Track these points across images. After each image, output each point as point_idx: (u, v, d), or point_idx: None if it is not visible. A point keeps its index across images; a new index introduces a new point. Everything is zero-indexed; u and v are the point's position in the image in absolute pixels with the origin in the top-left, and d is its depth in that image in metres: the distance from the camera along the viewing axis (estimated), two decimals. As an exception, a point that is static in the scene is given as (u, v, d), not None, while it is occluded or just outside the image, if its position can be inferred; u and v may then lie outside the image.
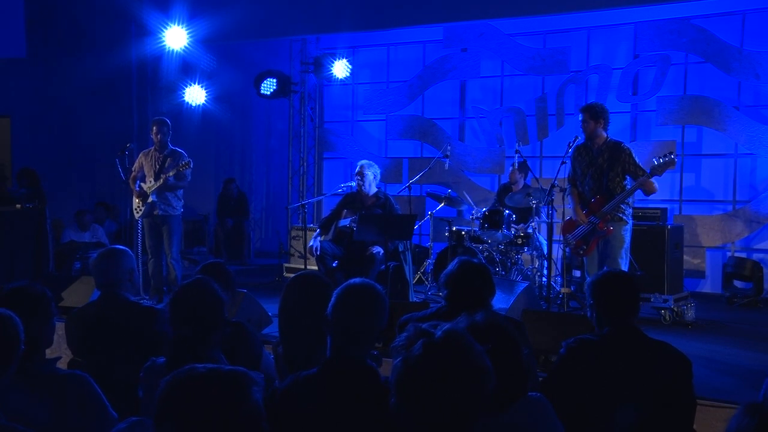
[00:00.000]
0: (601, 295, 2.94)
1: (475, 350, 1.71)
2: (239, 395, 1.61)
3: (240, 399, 1.61)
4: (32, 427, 2.14)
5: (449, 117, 9.69)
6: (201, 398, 1.59)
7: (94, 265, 3.70)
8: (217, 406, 1.58)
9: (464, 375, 1.65)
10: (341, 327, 2.43)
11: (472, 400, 1.66)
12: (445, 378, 1.64)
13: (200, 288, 2.89)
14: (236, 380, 1.64)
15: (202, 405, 1.58)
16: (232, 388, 1.62)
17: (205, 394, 1.59)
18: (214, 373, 1.64)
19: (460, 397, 1.64)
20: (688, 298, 6.42)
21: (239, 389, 1.62)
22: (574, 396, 2.72)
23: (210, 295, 2.87)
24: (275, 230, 11.40)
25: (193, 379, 1.63)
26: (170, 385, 1.63)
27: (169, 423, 1.60)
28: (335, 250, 6.52)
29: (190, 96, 9.56)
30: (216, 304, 2.87)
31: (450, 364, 1.65)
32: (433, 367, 1.64)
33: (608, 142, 5.71)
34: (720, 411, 3.88)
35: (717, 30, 7.90)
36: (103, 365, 3.24)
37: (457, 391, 1.64)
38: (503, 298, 5.58)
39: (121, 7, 9.29)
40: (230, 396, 1.60)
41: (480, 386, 1.67)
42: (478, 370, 1.68)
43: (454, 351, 1.67)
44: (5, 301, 2.66)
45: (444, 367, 1.65)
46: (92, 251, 8.58)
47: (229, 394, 1.61)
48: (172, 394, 1.61)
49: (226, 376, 1.64)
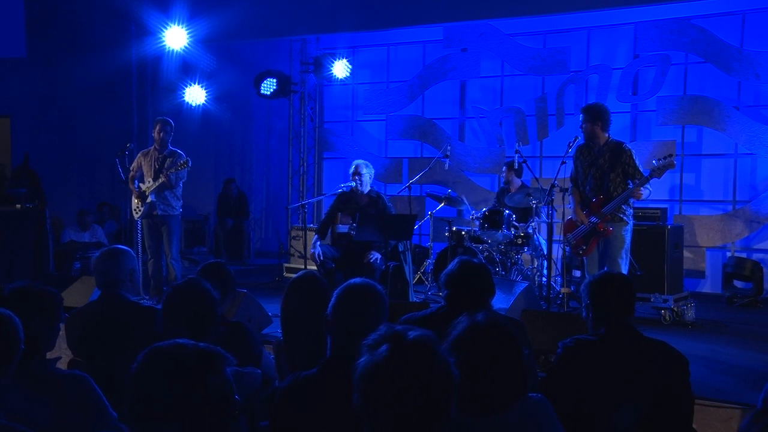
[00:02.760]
0: (598, 296, 2.95)
1: (442, 358, 1.68)
2: (205, 369, 1.68)
3: (207, 372, 1.68)
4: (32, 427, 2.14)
5: (449, 117, 9.69)
6: (166, 372, 1.67)
7: (96, 264, 3.69)
8: (184, 379, 1.66)
9: (427, 381, 1.63)
10: (341, 327, 2.43)
11: (434, 407, 1.64)
12: (408, 381, 1.61)
13: (193, 288, 2.90)
14: (201, 355, 1.71)
15: (169, 378, 1.66)
16: (199, 363, 1.69)
17: (172, 367, 1.67)
18: (180, 348, 1.72)
19: (422, 402, 1.62)
20: (688, 298, 6.42)
21: (205, 363, 1.69)
22: (571, 396, 2.72)
23: (203, 295, 2.88)
24: (275, 230, 11.41)
25: (159, 353, 1.71)
26: (139, 362, 1.70)
27: (141, 398, 1.66)
28: (333, 252, 6.52)
29: (190, 96, 9.57)
30: (209, 303, 2.88)
31: (414, 368, 1.63)
32: (397, 369, 1.62)
33: (610, 142, 5.70)
34: (720, 411, 3.88)
35: (717, 30, 7.90)
36: (103, 365, 3.23)
37: (419, 396, 1.62)
38: (503, 298, 5.58)
39: (121, 7, 9.29)
40: (197, 369, 1.68)
41: (442, 394, 1.65)
42: (443, 378, 1.66)
43: (420, 355, 1.65)
44: (13, 299, 2.66)
45: (408, 370, 1.62)
46: (92, 251, 8.59)
47: (195, 367, 1.68)
48: (140, 371, 1.69)
49: (192, 351, 1.72)
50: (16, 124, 11.12)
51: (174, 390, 1.65)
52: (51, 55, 10.94)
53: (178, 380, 1.66)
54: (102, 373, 2.87)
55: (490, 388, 2.07)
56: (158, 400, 1.65)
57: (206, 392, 1.67)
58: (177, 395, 1.65)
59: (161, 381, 1.66)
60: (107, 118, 10.41)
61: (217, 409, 1.68)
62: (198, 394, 1.66)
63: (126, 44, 9.93)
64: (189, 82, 9.55)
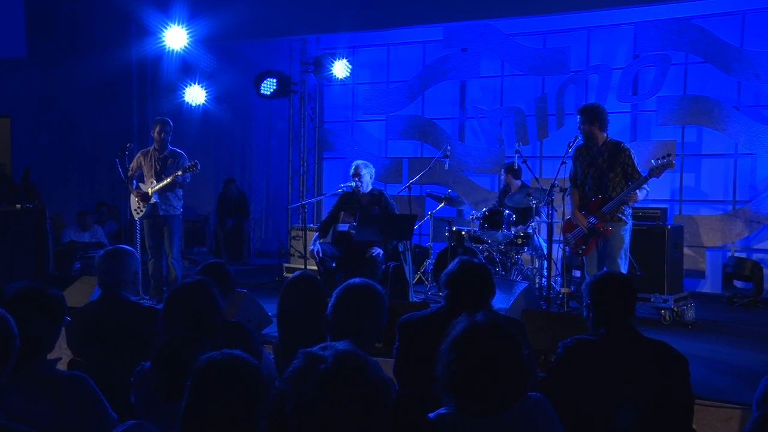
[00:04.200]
0: (599, 296, 2.95)
1: (370, 366, 1.69)
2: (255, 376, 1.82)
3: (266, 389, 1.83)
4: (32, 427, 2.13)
5: (449, 117, 9.69)
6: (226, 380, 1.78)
7: (99, 263, 3.68)
8: (239, 387, 1.78)
9: (366, 394, 1.64)
10: (341, 327, 2.44)
11: (377, 415, 1.65)
12: (347, 403, 1.62)
13: (199, 289, 2.89)
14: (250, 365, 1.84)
15: (227, 386, 1.77)
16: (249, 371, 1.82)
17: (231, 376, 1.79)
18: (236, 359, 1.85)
19: (366, 415, 1.64)
20: (688, 298, 6.42)
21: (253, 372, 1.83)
22: (571, 396, 2.72)
23: (208, 297, 2.86)
24: (275, 230, 11.40)
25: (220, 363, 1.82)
26: (200, 369, 1.81)
27: (199, 403, 1.76)
28: (334, 251, 6.53)
29: (190, 96, 9.57)
30: (213, 306, 2.86)
31: (349, 388, 1.63)
32: (333, 397, 1.62)
33: (608, 142, 5.71)
34: (720, 411, 3.88)
35: (717, 30, 7.90)
36: (103, 365, 3.23)
37: (362, 410, 1.63)
38: (503, 298, 5.58)
39: (121, 7, 9.30)
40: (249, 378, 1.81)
41: (383, 399, 1.66)
42: (378, 386, 1.66)
43: (350, 374, 1.66)
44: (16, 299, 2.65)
45: (344, 393, 1.63)
46: (92, 251, 8.59)
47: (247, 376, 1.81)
48: (202, 376, 1.80)
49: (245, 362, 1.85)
50: (16, 124, 11.13)
51: (242, 406, 1.77)
52: (51, 55, 10.95)
53: (248, 396, 1.78)
54: (102, 374, 2.86)
55: (490, 388, 2.07)
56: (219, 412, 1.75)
57: (263, 409, 1.83)
58: (240, 410, 1.77)
59: (234, 396, 1.77)
60: (107, 118, 10.42)
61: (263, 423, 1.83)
62: (256, 411, 1.80)
63: (126, 44, 9.94)
64: (189, 82, 9.55)
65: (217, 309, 2.90)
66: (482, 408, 2.07)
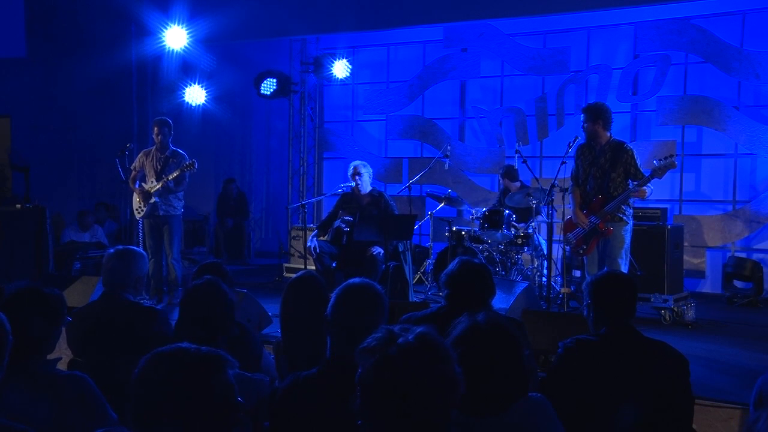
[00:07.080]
0: (600, 296, 2.95)
1: (449, 354, 1.68)
2: (207, 371, 1.70)
3: (209, 374, 1.69)
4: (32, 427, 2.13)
5: (449, 117, 9.69)
6: (169, 374, 1.68)
7: (107, 261, 3.65)
8: (186, 381, 1.67)
9: (430, 382, 1.61)
10: (341, 327, 2.43)
11: (435, 409, 1.63)
12: (418, 382, 1.60)
13: (212, 289, 2.90)
14: (203, 358, 1.73)
15: (171, 380, 1.67)
16: (201, 365, 1.71)
17: (174, 370, 1.69)
18: (182, 351, 1.74)
19: (431, 402, 1.61)
20: (688, 298, 6.41)
21: (206, 366, 1.71)
22: (572, 396, 2.72)
23: (222, 296, 2.88)
24: (275, 230, 11.41)
25: (161, 357, 1.73)
26: (142, 366, 1.72)
27: (143, 401, 1.68)
28: (332, 249, 6.52)
29: (190, 96, 9.57)
30: (227, 305, 2.89)
31: (424, 368, 1.61)
32: (408, 370, 1.60)
33: (611, 142, 5.70)
34: (720, 411, 3.88)
35: (717, 30, 7.90)
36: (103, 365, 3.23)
37: (428, 396, 1.60)
38: (503, 298, 5.57)
39: (121, 7, 9.29)
40: (199, 372, 1.69)
41: (444, 396, 1.64)
42: (445, 380, 1.65)
43: (429, 354, 1.64)
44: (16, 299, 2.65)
45: (418, 370, 1.61)
46: (92, 251, 8.59)
47: (197, 370, 1.70)
48: (143, 374, 1.71)
49: (194, 354, 1.74)
50: (16, 124, 11.12)
51: (176, 392, 1.65)
52: (51, 55, 10.95)
53: (180, 382, 1.66)
54: (102, 374, 2.86)
55: (490, 388, 2.07)
56: (161, 403, 1.66)
57: (208, 395, 1.67)
58: (179, 398, 1.65)
59: (164, 383, 1.67)
60: (107, 118, 10.41)
61: (219, 411, 1.69)
62: (200, 397, 1.66)
63: (126, 44, 9.93)
64: (189, 82, 9.55)
65: (231, 307, 2.92)
66: (483, 408, 2.07)
